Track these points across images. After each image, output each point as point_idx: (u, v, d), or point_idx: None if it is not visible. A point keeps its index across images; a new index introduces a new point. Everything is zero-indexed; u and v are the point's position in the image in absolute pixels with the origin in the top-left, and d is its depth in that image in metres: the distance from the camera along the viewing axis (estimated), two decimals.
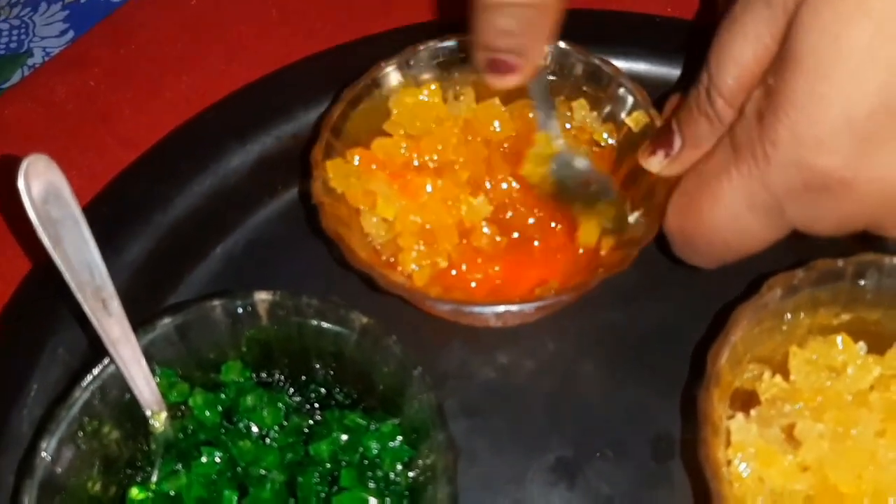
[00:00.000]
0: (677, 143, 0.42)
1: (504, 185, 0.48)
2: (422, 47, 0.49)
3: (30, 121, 0.59)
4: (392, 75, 0.48)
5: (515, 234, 0.47)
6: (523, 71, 0.44)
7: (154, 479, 0.41)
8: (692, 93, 0.40)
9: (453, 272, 0.46)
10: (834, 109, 0.34)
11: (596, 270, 0.43)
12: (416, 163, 0.48)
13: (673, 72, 0.54)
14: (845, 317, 0.42)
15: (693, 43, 0.52)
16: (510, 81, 0.44)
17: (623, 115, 0.47)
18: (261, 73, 0.57)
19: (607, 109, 0.48)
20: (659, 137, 0.43)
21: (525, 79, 0.45)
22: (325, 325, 0.41)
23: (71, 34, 0.68)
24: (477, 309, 0.43)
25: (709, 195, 0.39)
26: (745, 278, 0.44)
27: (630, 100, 0.47)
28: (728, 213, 0.38)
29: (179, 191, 0.52)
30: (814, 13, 0.34)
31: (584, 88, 0.48)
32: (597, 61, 0.48)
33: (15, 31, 0.69)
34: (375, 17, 0.60)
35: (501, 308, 0.43)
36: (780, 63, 0.35)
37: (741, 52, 0.37)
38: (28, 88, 0.60)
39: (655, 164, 0.43)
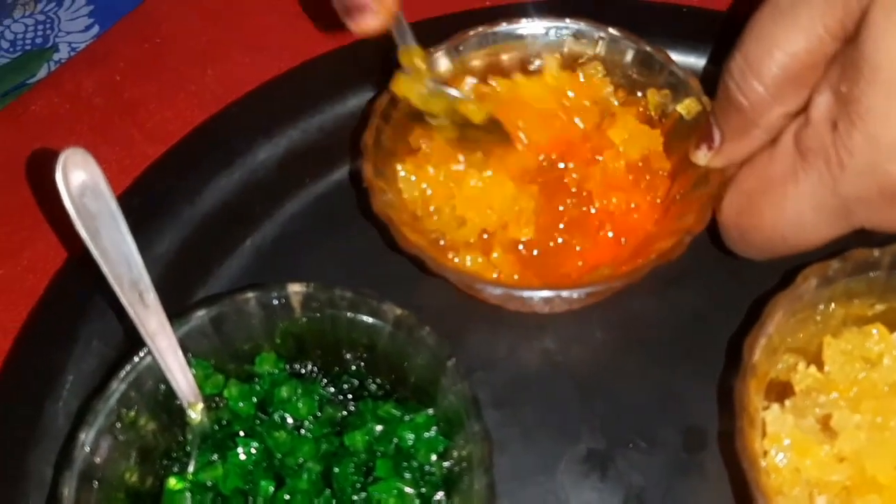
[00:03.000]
0: (717, 137, 0.42)
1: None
2: (472, 32, 0.49)
3: (56, 115, 0.59)
4: (441, 60, 0.48)
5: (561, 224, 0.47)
6: (377, 13, 0.41)
7: (191, 469, 0.41)
8: (721, 86, 0.40)
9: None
10: None
11: (647, 257, 0.43)
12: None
13: (700, 62, 0.54)
14: (880, 307, 0.42)
15: (723, 33, 0.52)
16: (368, 24, 0.41)
17: (674, 102, 0.47)
18: (284, 66, 0.57)
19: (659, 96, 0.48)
20: (703, 131, 0.43)
21: (381, 21, 0.42)
22: (358, 317, 0.41)
23: (96, 29, 0.69)
24: (527, 293, 0.43)
25: (772, 198, 0.39)
26: (781, 269, 0.44)
27: (682, 87, 0.47)
28: (792, 216, 0.39)
29: (208, 185, 0.52)
30: (886, 16, 0.33)
31: (634, 76, 0.48)
32: (648, 48, 0.48)
33: (40, 27, 0.69)
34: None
35: (552, 293, 0.43)
36: (852, 69, 0.35)
37: (790, 42, 0.36)
38: (54, 83, 0.61)
39: (701, 157, 0.43)
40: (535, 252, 0.46)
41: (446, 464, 0.40)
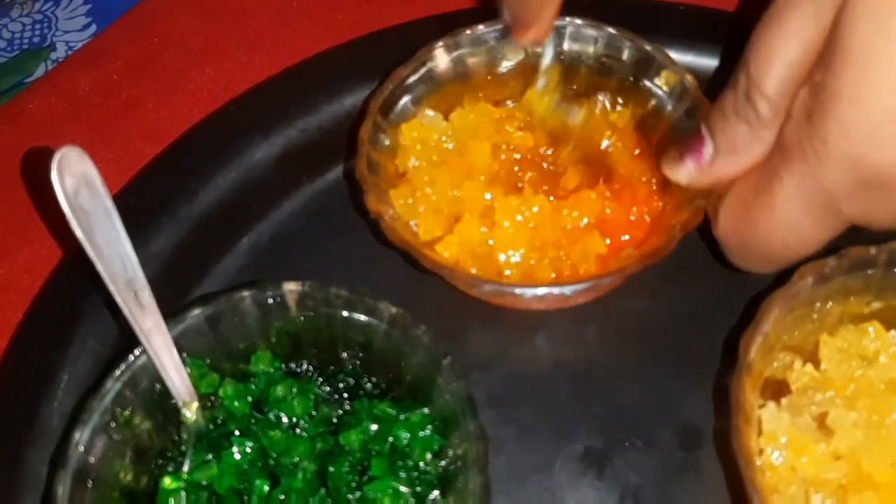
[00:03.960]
0: (708, 150, 0.39)
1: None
2: (468, 31, 0.49)
3: (54, 115, 0.59)
4: (440, 57, 0.49)
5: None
6: (538, 30, 0.45)
7: (186, 468, 0.41)
8: (726, 97, 0.38)
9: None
10: (883, 101, 0.32)
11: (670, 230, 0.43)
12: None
13: (711, 62, 0.53)
14: (877, 305, 0.42)
15: (733, 34, 0.51)
16: (528, 38, 0.46)
17: (651, 78, 0.48)
18: (283, 65, 0.57)
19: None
20: (687, 145, 0.40)
21: (539, 38, 0.46)
22: (354, 315, 0.41)
23: (93, 28, 0.68)
24: (543, 290, 0.43)
25: (762, 201, 0.37)
26: None
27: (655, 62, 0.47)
28: (784, 217, 0.37)
29: (204, 183, 0.52)
30: (863, 3, 0.32)
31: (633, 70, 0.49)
32: (647, 46, 0.48)
33: (38, 26, 0.69)
34: (397, 8, 0.60)
35: (583, 284, 0.42)
36: (827, 57, 0.34)
37: (787, 51, 0.35)
38: (52, 82, 0.61)
39: (684, 174, 0.40)
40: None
41: (441, 463, 0.40)
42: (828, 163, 0.34)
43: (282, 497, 0.39)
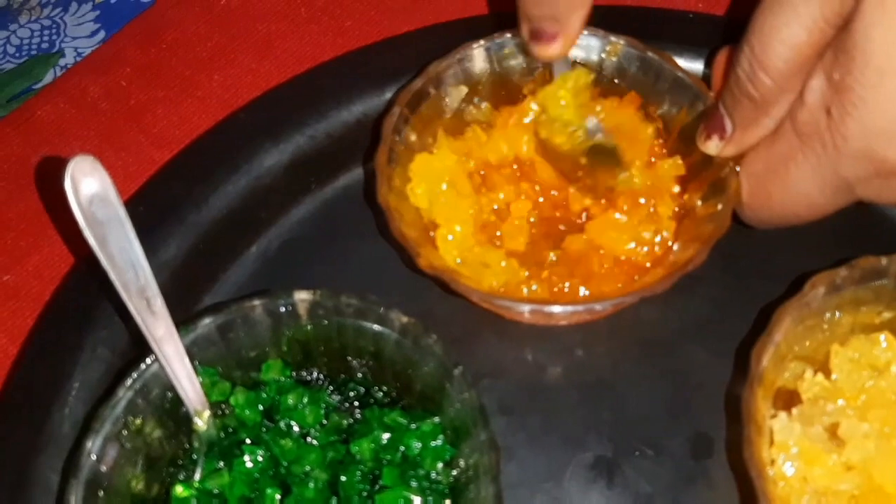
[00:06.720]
0: (728, 126, 0.42)
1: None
2: (475, 45, 0.48)
3: (63, 121, 0.59)
4: (448, 73, 0.48)
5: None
6: (563, 40, 0.45)
7: (197, 477, 0.41)
8: (732, 76, 0.41)
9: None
10: None
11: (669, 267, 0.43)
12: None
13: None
14: (888, 315, 0.42)
15: (725, 38, 0.52)
16: (552, 50, 0.45)
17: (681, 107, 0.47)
18: (291, 71, 0.57)
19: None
20: (710, 120, 0.44)
21: (565, 49, 0.45)
22: (364, 324, 0.41)
23: (102, 34, 0.68)
24: (578, 307, 0.43)
25: (777, 180, 0.41)
26: (788, 277, 0.44)
27: (686, 91, 0.47)
28: (796, 194, 0.40)
29: (214, 191, 0.52)
30: (878, 5, 0.34)
31: (640, 80, 0.48)
32: (652, 54, 0.48)
33: (46, 32, 0.69)
34: (406, 15, 0.60)
35: (604, 304, 0.43)
36: (844, 56, 0.36)
37: (792, 34, 0.37)
38: (61, 89, 0.61)
39: (712, 147, 0.44)
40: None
41: (453, 472, 0.40)
42: (847, 156, 0.38)
43: None
